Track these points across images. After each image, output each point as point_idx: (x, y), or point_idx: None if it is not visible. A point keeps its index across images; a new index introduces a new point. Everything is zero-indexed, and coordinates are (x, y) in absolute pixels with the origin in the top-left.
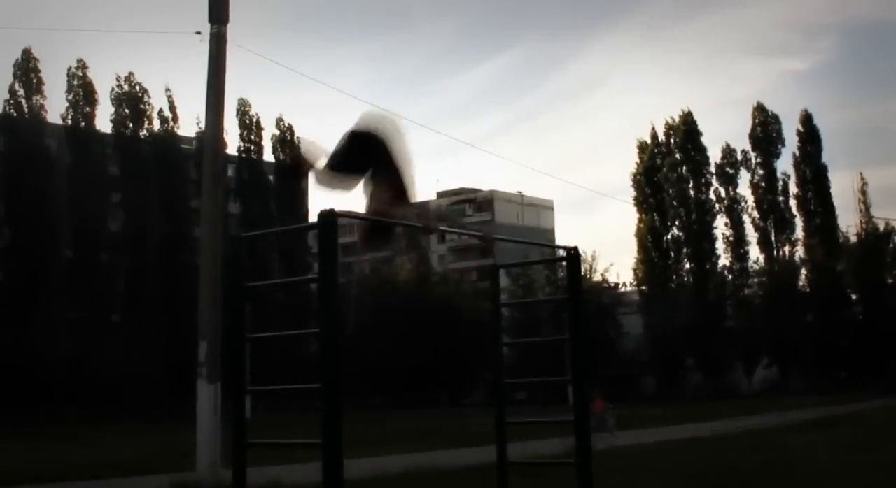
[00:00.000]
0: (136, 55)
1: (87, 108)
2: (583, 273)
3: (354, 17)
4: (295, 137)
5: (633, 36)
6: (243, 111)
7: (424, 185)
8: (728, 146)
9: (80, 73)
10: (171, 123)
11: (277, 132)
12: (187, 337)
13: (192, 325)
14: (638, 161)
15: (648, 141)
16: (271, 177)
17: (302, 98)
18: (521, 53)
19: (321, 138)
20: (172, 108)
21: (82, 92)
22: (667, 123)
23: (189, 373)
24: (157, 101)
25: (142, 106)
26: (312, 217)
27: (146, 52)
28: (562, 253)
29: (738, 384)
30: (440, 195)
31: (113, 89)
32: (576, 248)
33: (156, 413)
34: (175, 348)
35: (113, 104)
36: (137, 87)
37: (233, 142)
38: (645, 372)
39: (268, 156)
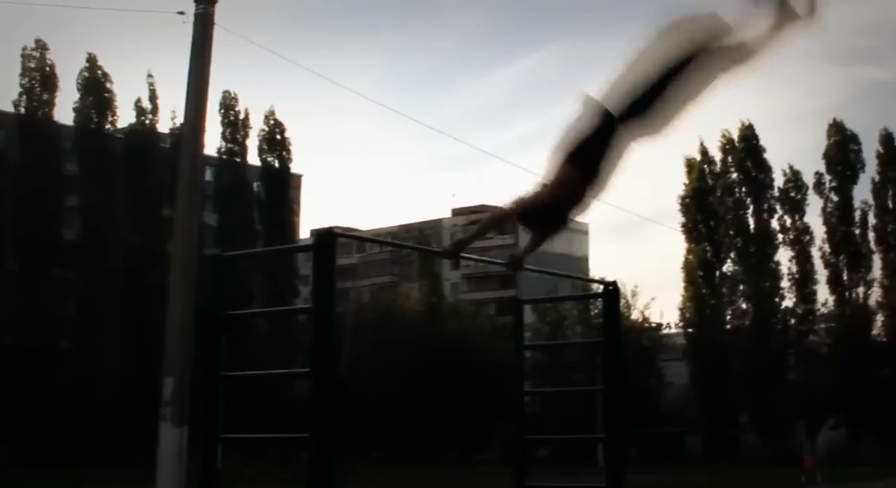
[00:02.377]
0: (106, 37)
1: (45, 95)
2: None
3: (364, 4)
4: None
5: None
6: (228, 105)
7: (438, 200)
8: (791, 168)
9: (38, 55)
10: (151, 116)
11: (265, 129)
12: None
13: (156, 358)
14: (686, 182)
15: (698, 158)
16: (256, 185)
17: (298, 94)
18: (557, 53)
19: (321, 142)
20: (153, 97)
21: (39, 77)
22: (724, 136)
23: (153, 412)
24: (127, 90)
25: (106, 94)
26: (303, 232)
27: (118, 33)
28: (598, 287)
29: (801, 447)
30: (455, 212)
31: (81, 73)
32: (615, 283)
33: (110, 458)
34: (135, 384)
35: (78, 91)
36: (100, 73)
37: (213, 141)
38: (690, 430)
39: (253, 158)
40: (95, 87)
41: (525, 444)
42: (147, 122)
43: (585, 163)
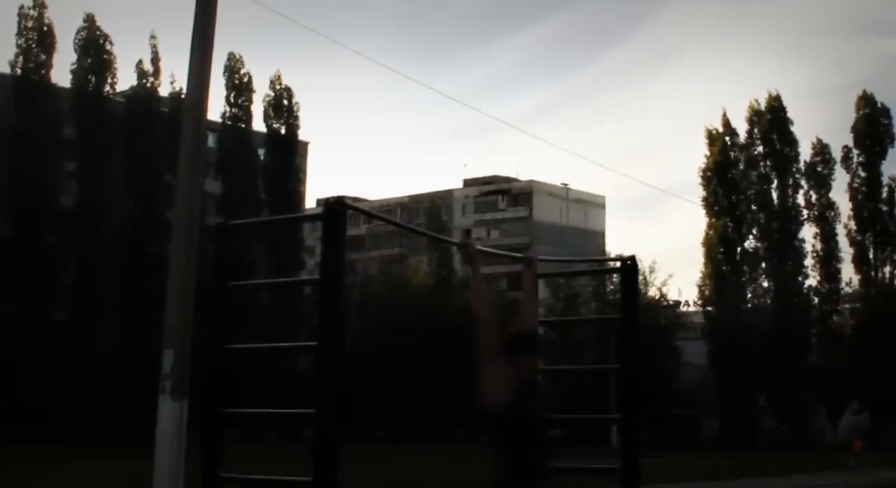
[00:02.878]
0: None
1: (42, 56)
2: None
3: None
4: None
5: (711, 4)
6: (232, 68)
7: (449, 170)
8: (819, 141)
9: (35, 13)
10: (153, 79)
11: (272, 94)
12: (149, 343)
13: (155, 329)
14: (707, 154)
15: (720, 129)
16: (261, 151)
17: (304, 57)
18: (574, 18)
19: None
20: (156, 59)
21: (36, 36)
22: (750, 107)
23: (148, 388)
24: (128, 51)
25: (106, 56)
26: (309, 201)
27: None
28: (616, 262)
29: (821, 432)
30: (467, 183)
31: (78, 33)
32: (633, 258)
33: (105, 435)
34: (133, 356)
35: (76, 52)
36: (99, 33)
37: (216, 105)
38: (707, 412)
39: (258, 124)
40: (94, 48)
41: None
42: (148, 85)
43: None
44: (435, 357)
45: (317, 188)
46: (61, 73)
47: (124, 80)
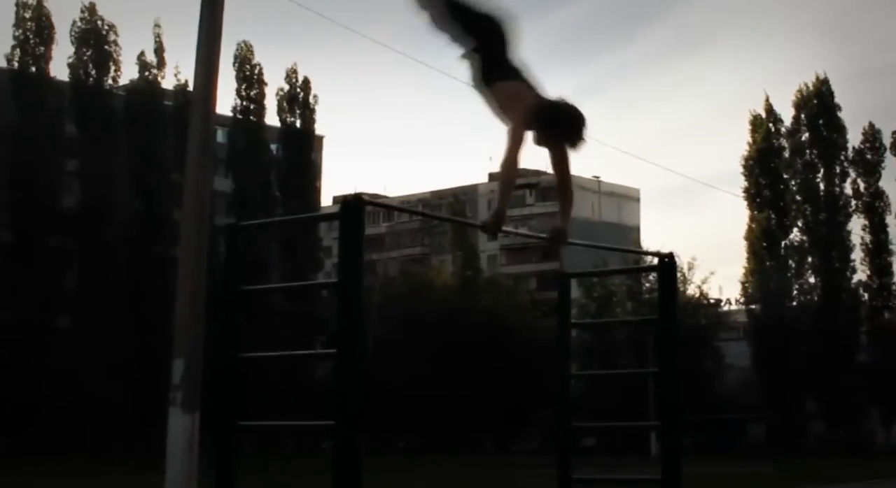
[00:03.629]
0: None
1: (41, 49)
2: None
3: None
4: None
5: None
6: (243, 58)
7: (473, 164)
8: (872, 126)
9: (34, 3)
10: (157, 71)
11: (286, 87)
12: (157, 351)
13: (164, 334)
14: (750, 141)
15: (763, 115)
16: (274, 147)
17: (316, 45)
18: (603, 1)
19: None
20: (160, 50)
21: (34, 27)
22: (799, 91)
23: (159, 396)
24: (130, 43)
25: (107, 47)
26: (324, 199)
27: None
28: (652, 259)
29: (874, 436)
30: (493, 176)
31: (74, 23)
32: (671, 255)
33: (113, 447)
34: (141, 363)
35: (73, 43)
36: (100, 23)
37: (226, 99)
38: (752, 417)
39: (271, 118)
40: (94, 39)
41: (571, 433)
42: (151, 77)
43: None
44: (461, 361)
45: (332, 185)
46: (61, 66)
47: (128, 73)
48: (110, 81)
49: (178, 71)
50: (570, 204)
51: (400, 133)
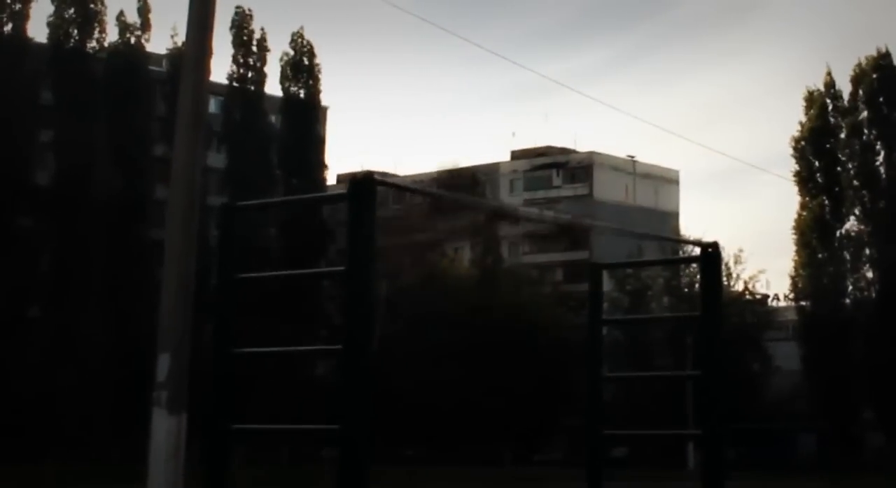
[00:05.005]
0: None
1: (18, 6)
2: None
3: None
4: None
5: None
6: (240, 25)
7: (494, 139)
8: None
9: None
10: (140, 32)
11: (289, 54)
12: (140, 343)
13: (147, 329)
14: (804, 119)
15: (822, 90)
16: (274, 118)
17: (323, 8)
18: None
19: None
20: (144, 9)
21: None
22: (858, 65)
23: (139, 398)
24: (116, 2)
25: (94, 5)
26: (331, 176)
27: None
28: (694, 250)
29: None
30: (515, 155)
31: None
32: (715, 245)
33: (89, 450)
34: (120, 360)
35: (53, 2)
36: None
37: (222, 66)
38: (803, 427)
39: (272, 87)
40: None
41: (601, 442)
42: (134, 40)
43: None
44: (479, 361)
45: (337, 161)
46: (41, 25)
47: (114, 35)
48: (94, 44)
49: (175, 33)
50: None
51: (413, 105)
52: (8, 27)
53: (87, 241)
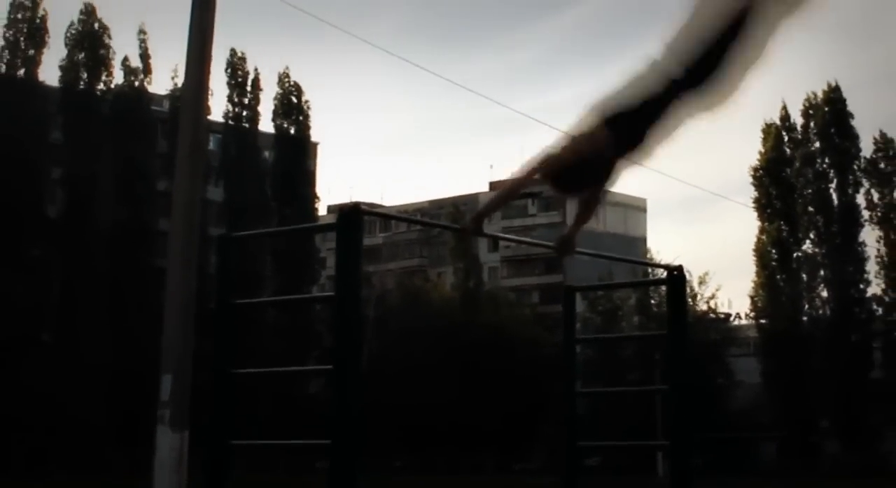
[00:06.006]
0: None
1: (31, 51)
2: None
3: None
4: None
5: None
6: (234, 65)
7: (474, 172)
8: (884, 135)
9: (30, 4)
10: (142, 76)
11: (279, 92)
12: (143, 366)
13: (150, 350)
14: (762, 150)
15: (778, 123)
16: (267, 153)
17: (308, 48)
18: (612, 1)
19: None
20: (145, 55)
21: (27, 29)
22: (807, 100)
23: (141, 416)
24: (122, 47)
25: (103, 51)
26: (321, 207)
27: None
28: (661, 272)
29: (891, 457)
30: (493, 186)
31: (72, 24)
32: (680, 268)
33: (95, 467)
34: (125, 380)
35: (66, 46)
36: (97, 26)
37: (219, 105)
38: (764, 436)
39: (266, 124)
40: (89, 42)
41: (577, 452)
42: (137, 83)
43: (628, 127)
44: (462, 377)
45: (327, 193)
46: (50, 70)
47: (121, 77)
48: (101, 86)
49: (176, 74)
50: (589, 217)
51: (396, 139)
52: (21, 72)
53: (94, 269)
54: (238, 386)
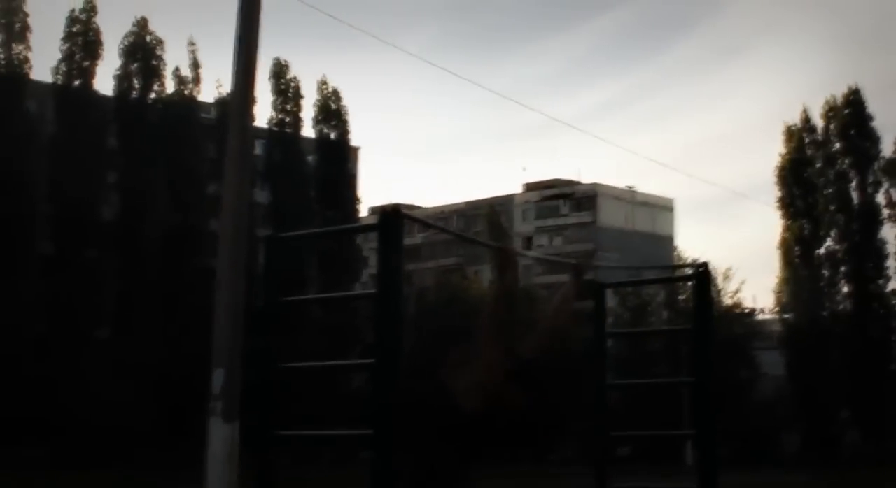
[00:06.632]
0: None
1: (86, 63)
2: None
3: None
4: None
5: None
6: (278, 74)
7: (508, 174)
8: None
9: (85, 18)
10: (192, 85)
11: (319, 98)
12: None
13: (201, 348)
14: (784, 151)
15: (799, 125)
16: (310, 158)
17: (350, 58)
18: (639, 8)
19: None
20: (195, 65)
21: (82, 41)
22: (827, 103)
23: (193, 411)
24: (173, 58)
25: (155, 62)
26: (363, 209)
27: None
28: (688, 269)
29: None
30: (528, 187)
31: (125, 37)
32: (706, 265)
33: (149, 458)
34: (177, 376)
35: (121, 57)
36: (150, 38)
37: (263, 112)
38: (786, 426)
39: (307, 131)
40: (142, 53)
41: (607, 442)
42: (187, 91)
43: None
44: None
45: (368, 195)
46: (105, 80)
47: (170, 86)
48: (153, 95)
49: (220, 84)
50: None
51: (435, 143)
52: (77, 82)
53: (147, 270)
54: (284, 381)
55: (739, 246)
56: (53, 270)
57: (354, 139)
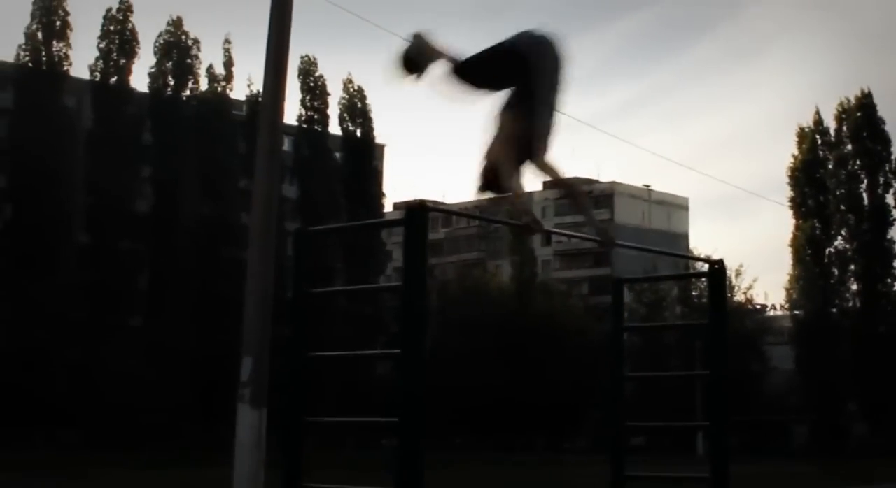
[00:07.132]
0: (183, 4)
1: (123, 61)
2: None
3: None
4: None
5: None
6: (307, 71)
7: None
8: None
9: (121, 17)
10: (224, 83)
11: (345, 97)
12: (224, 350)
13: (231, 336)
14: (797, 152)
15: (812, 127)
16: (337, 154)
17: (376, 56)
18: (657, 12)
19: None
20: (229, 63)
21: (118, 40)
22: (840, 105)
23: (223, 396)
24: (205, 56)
25: (189, 60)
26: (387, 204)
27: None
28: (702, 266)
29: None
30: (547, 185)
31: (160, 35)
32: (721, 262)
33: (180, 442)
34: (208, 363)
35: (156, 55)
36: (184, 37)
37: (292, 108)
38: (796, 418)
39: (334, 127)
40: (176, 51)
41: (623, 432)
42: (220, 89)
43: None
44: (516, 362)
45: (393, 191)
46: (140, 77)
47: (205, 84)
48: (187, 92)
49: (251, 81)
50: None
51: (457, 141)
52: (114, 79)
53: (180, 261)
54: (311, 369)
55: (752, 244)
56: (90, 260)
57: (379, 136)
